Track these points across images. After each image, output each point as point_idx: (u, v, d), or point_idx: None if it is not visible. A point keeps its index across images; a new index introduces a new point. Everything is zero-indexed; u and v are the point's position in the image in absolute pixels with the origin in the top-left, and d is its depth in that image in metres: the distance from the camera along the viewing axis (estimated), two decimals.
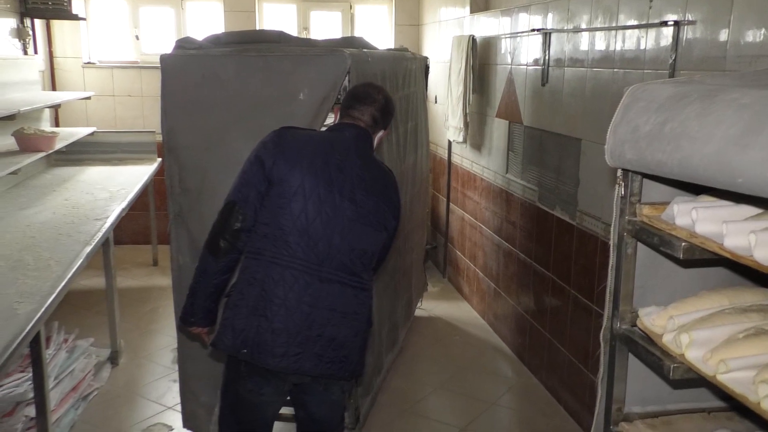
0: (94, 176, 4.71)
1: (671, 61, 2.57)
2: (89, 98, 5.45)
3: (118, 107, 5.95)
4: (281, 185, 2.08)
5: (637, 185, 1.69)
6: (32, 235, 3.22)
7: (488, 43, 4.48)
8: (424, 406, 3.58)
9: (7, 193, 4.08)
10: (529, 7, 3.86)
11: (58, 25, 5.75)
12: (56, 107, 5.45)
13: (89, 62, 5.91)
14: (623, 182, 1.69)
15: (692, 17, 2.47)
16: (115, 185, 4.39)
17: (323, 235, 2.07)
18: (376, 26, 6.28)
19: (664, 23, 2.61)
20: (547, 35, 3.59)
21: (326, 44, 3.33)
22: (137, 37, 5.98)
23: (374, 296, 2.28)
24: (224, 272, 2.16)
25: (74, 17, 5.37)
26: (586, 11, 3.23)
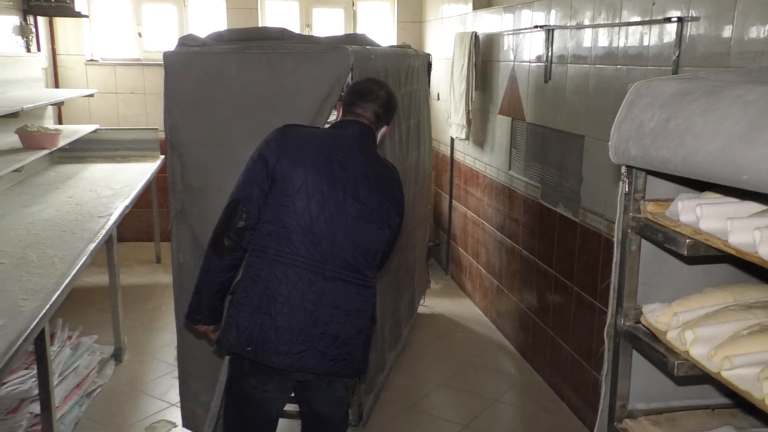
0: (97, 173, 4.72)
1: (675, 57, 2.56)
2: (92, 95, 5.47)
3: (120, 104, 5.96)
4: (284, 183, 2.07)
5: (641, 182, 1.69)
6: (36, 232, 3.23)
7: (491, 39, 4.48)
8: (427, 403, 3.59)
9: (10, 190, 4.09)
10: (531, 3, 3.85)
11: (61, 22, 5.76)
12: (59, 105, 5.46)
13: (92, 60, 5.92)
14: (627, 179, 1.69)
15: (696, 13, 2.47)
16: (118, 182, 4.40)
17: (327, 232, 2.07)
18: (378, 23, 6.28)
19: (667, 19, 2.61)
20: (550, 32, 3.58)
21: (329, 41, 3.33)
22: (140, 34, 5.99)
23: (377, 294, 2.28)
24: (229, 270, 2.17)
25: (77, 14, 5.38)
26: (589, 7, 3.22)
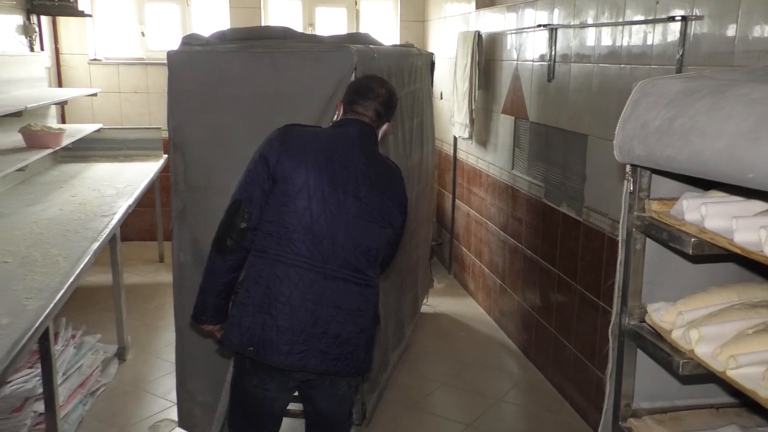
0: (100, 173, 4.73)
1: (679, 56, 2.56)
2: (95, 95, 5.47)
3: (123, 104, 5.97)
4: (285, 183, 2.08)
5: (645, 181, 1.69)
6: (40, 231, 3.23)
7: (494, 39, 4.47)
8: (430, 402, 3.59)
9: (14, 189, 4.10)
10: (535, 2, 3.85)
11: (64, 21, 5.77)
12: (62, 104, 5.46)
13: (95, 59, 5.93)
14: (632, 178, 1.69)
15: (700, 12, 2.46)
16: (121, 182, 4.40)
17: (327, 232, 2.07)
18: (381, 22, 6.28)
19: (671, 18, 2.60)
20: (553, 31, 3.58)
21: (332, 41, 3.33)
22: (143, 33, 5.99)
23: (380, 293, 2.28)
24: (232, 270, 2.17)
25: (80, 14, 5.39)
26: (592, 6, 3.22)
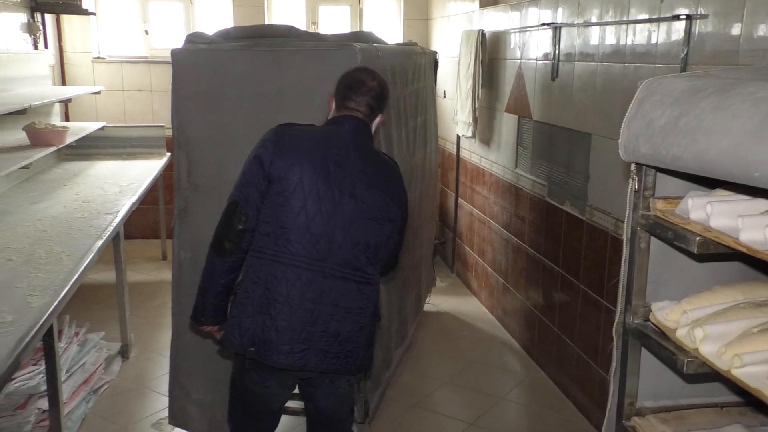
0: (104, 171, 4.74)
1: (683, 55, 2.55)
2: (99, 93, 5.48)
3: (127, 102, 5.97)
4: (280, 183, 2.07)
5: (650, 179, 1.69)
6: (44, 229, 3.24)
7: (497, 37, 4.47)
8: (432, 400, 3.59)
9: (18, 187, 4.11)
10: (538, 1, 3.84)
11: (68, 19, 5.77)
12: (66, 102, 5.47)
13: (99, 57, 5.93)
14: (637, 176, 1.69)
15: (704, 11, 2.46)
16: (125, 180, 4.41)
17: (324, 231, 2.07)
18: (384, 21, 6.27)
19: (675, 17, 2.60)
20: (557, 29, 3.58)
21: (336, 39, 3.33)
22: (146, 32, 6.00)
23: (380, 290, 2.27)
24: (231, 271, 2.17)
25: (84, 12, 5.40)
26: (596, 5, 3.21)
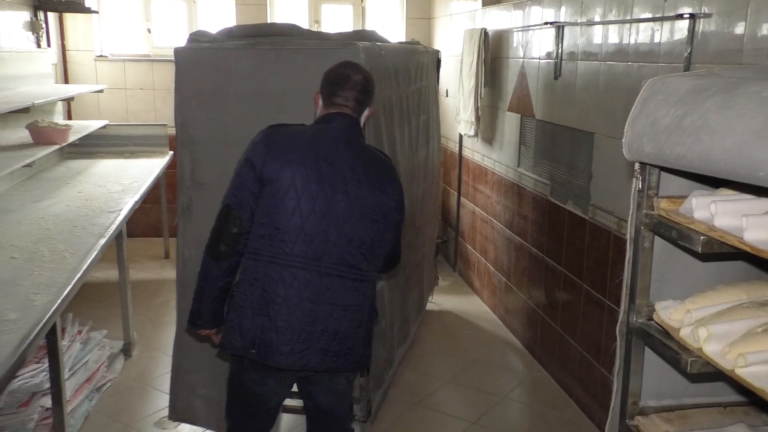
0: (106, 169, 4.74)
1: (686, 54, 2.55)
2: (101, 91, 5.48)
3: (129, 100, 5.98)
4: (273, 185, 2.07)
5: (654, 178, 1.68)
6: (47, 227, 3.24)
7: (500, 36, 4.47)
8: (435, 399, 3.59)
9: (21, 185, 4.11)
10: (541, 0, 3.84)
11: (70, 18, 5.78)
12: (69, 100, 5.48)
13: (101, 55, 5.93)
14: (641, 175, 1.69)
15: (708, 10, 2.45)
16: (127, 178, 4.41)
17: (318, 230, 2.07)
18: (387, 19, 6.27)
19: (679, 16, 2.59)
20: (560, 28, 3.57)
21: (339, 38, 3.33)
22: (149, 30, 6.00)
23: (382, 288, 2.28)
24: (228, 275, 2.17)
25: (87, 10, 5.41)
26: (599, 4, 3.21)
